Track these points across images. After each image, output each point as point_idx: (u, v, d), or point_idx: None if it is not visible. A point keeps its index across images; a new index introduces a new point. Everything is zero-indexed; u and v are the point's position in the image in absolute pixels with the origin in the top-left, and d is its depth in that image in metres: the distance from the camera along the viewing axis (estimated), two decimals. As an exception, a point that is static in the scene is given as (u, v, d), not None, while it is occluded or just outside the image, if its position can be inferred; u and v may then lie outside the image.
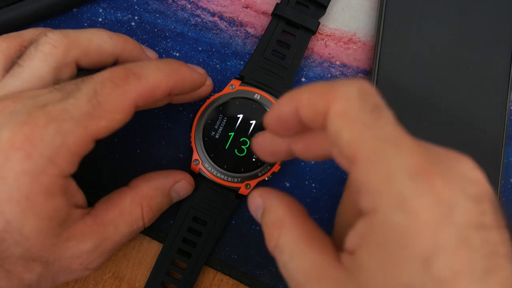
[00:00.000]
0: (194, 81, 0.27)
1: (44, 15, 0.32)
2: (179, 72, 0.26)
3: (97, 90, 0.23)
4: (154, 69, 0.25)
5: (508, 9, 0.32)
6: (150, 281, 0.31)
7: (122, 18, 0.33)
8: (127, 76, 0.24)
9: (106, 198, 0.26)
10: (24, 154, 0.21)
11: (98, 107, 0.22)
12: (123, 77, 0.23)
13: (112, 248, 0.25)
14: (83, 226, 0.24)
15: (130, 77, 0.24)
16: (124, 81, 0.23)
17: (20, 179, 0.21)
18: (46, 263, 0.23)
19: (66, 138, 0.22)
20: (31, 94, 0.23)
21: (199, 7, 0.33)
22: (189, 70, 0.27)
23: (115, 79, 0.23)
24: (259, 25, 0.33)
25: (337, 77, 0.33)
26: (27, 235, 0.22)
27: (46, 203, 0.22)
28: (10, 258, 0.22)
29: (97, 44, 0.26)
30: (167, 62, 0.26)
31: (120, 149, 0.32)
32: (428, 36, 0.32)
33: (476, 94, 0.31)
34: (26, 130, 0.21)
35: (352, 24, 0.34)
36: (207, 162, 0.30)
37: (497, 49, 0.32)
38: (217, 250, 0.32)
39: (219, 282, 0.32)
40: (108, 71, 0.24)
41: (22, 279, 0.23)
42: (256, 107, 0.31)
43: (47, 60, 0.25)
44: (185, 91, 0.27)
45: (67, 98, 0.23)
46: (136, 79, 0.24)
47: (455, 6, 0.32)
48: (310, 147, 0.22)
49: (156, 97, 0.25)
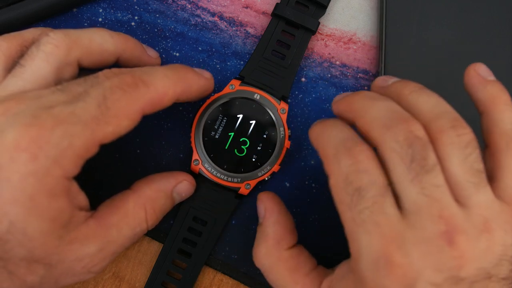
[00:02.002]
0: (201, 87, 0.28)
1: (44, 15, 0.32)
2: (187, 79, 0.26)
3: (107, 95, 0.23)
4: (162, 76, 0.25)
5: (511, 4, 0.32)
6: (150, 281, 0.31)
7: (122, 18, 0.33)
8: (136, 83, 0.24)
9: (109, 202, 0.26)
10: (29, 156, 0.21)
11: (106, 112, 0.23)
12: (132, 84, 0.24)
13: (115, 251, 0.25)
14: (86, 229, 0.24)
15: (139, 84, 0.24)
16: (133, 89, 0.24)
17: (24, 180, 0.21)
18: (49, 265, 0.23)
19: (72, 141, 0.22)
20: (34, 94, 0.23)
21: (199, 7, 0.33)
22: (196, 76, 0.27)
23: (124, 86, 0.24)
24: (259, 25, 0.34)
25: (337, 77, 0.33)
26: (31, 236, 0.22)
27: (49, 204, 0.22)
28: (13, 259, 0.22)
29: (99, 43, 0.26)
30: (175, 69, 0.26)
31: (120, 149, 0.32)
32: (431, 34, 0.32)
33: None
34: (32, 132, 0.21)
35: (352, 24, 0.34)
36: (207, 162, 0.30)
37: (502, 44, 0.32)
38: (217, 250, 0.32)
39: (219, 282, 0.32)
40: (117, 77, 0.24)
41: (25, 281, 0.23)
42: (256, 107, 0.31)
43: (49, 60, 0.25)
44: (192, 97, 0.27)
45: (76, 101, 0.23)
46: (145, 86, 0.24)
47: (455, 3, 0.32)
48: None
49: (163, 104, 0.25)
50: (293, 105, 0.33)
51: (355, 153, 0.22)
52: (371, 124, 0.23)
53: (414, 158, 0.22)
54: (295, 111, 0.33)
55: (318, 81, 0.33)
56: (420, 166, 0.22)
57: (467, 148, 0.22)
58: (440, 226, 0.21)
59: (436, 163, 0.22)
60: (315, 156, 0.32)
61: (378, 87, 0.26)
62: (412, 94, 0.24)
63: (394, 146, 0.22)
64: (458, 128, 0.22)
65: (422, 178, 0.21)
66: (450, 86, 0.32)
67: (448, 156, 0.22)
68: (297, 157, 0.32)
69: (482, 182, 0.22)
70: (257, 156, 0.30)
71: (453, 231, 0.21)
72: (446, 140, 0.22)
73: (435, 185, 0.22)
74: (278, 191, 0.32)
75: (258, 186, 0.31)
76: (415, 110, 0.23)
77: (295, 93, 0.33)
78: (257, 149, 0.30)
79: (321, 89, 0.33)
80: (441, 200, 0.21)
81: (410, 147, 0.22)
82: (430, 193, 0.21)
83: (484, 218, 0.22)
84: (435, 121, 0.23)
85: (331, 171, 0.23)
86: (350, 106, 0.25)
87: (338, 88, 0.33)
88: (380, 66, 0.32)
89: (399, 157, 0.22)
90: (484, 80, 0.25)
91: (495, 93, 0.24)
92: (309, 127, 0.32)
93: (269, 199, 0.29)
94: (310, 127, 0.26)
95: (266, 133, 0.31)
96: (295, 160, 0.32)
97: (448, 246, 0.21)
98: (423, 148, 0.22)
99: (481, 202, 0.22)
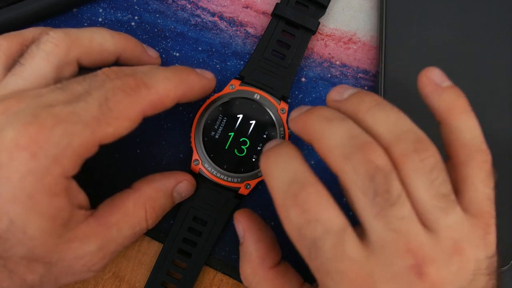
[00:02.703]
0: (203, 88, 0.28)
1: (44, 15, 0.32)
2: (188, 81, 0.26)
3: (108, 97, 0.23)
4: (163, 79, 0.25)
5: (511, 4, 0.32)
6: (150, 281, 0.31)
7: (122, 18, 0.33)
8: (138, 86, 0.24)
9: (109, 201, 0.26)
10: (29, 155, 0.21)
11: (107, 113, 0.23)
12: (134, 86, 0.24)
13: (115, 250, 0.25)
14: (86, 228, 0.24)
15: (140, 87, 0.24)
16: (135, 91, 0.24)
17: (24, 179, 0.21)
18: (49, 264, 0.23)
19: (72, 140, 0.22)
20: (34, 93, 0.23)
21: (199, 7, 0.33)
22: (198, 78, 0.27)
23: (126, 88, 0.24)
24: (259, 25, 0.34)
25: (337, 77, 0.33)
26: (31, 235, 0.22)
27: (49, 203, 0.22)
28: (13, 258, 0.22)
29: (99, 42, 0.26)
30: (177, 71, 0.26)
31: (120, 149, 0.32)
32: (431, 34, 0.32)
33: (483, 89, 0.32)
34: (32, 131, 0.21)
35: (352, 24, 0.34)
36: (207, 162, 0.30)
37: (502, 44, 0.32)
38: (217, 250, 0.32)
39: (219, 282, 0.32)
40: (120, 79, 0.24)
41: (25, 280, 0.23)
42: (256, 107, 0.31)
43: (49, 58, 0.25)
44: (193, 98, 0.27)
45: (77, 101, 0.23)
46: (146, 89, 0.24)
47: (455, 3, 0.32)
48: None
49: (164, 106, 0.25)
50: (293, 105, 0.33)
51: (301, 201, 0.21)
52: (329, 152, 0.22)
53: (376, 192, 0.21)
54: (295, 111, 0.33)
55: (318, 81, 0.33)
56: (383, 199, 0.21)
57: (432, 172, 0.21)
58: (408, 261, 0.21)
59: (401, 193, 0.21)
60: (315, 156, 0.32)
61: (333, 101, 0.25)
62: (369, 112, 0.23)
63: (355, 180, 0.21)
64: (421, 152, 0.21)
65: (386, 213, 0.21)
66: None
67: (413, 182, 0.21)
68: (297, 157, 0.32)
69: (450, 205, 0.22)
70: (257, 156, 0.30)
71: (421, 263, 0.21)
72: (409, 166, 0.21)
73: (400, 218, 0.21)
74: (278, 191, 0.32)
75: (258, 186, 0.31)
76: (374, 131, 0.22)
77: (295, 93, 0.33)
78: (257, 149, 0.30)
79: (321, 89, 0.33)
80: (408, 232, 0.21)
81: (371, 180, 0.21)
82: (395, 227, 0.21)
83: (454, 241, 0.21)
84: (396, 144, 0.22)
85: (283, 222, 0.22)
86: (305, 127, 0.23)
87: (338, 88, 0.33)
88: (380, 66, 0.32)
89: (361, 192, 0.21)
90: (438, 87, 0.24)
91: (451, 100, 0.23)
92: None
93: (246, 218, 0.28)
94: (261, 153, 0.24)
95: (266, 133, 0.31)
96: (295, 160, 0.32)
97: (418, 279, 0.21)
98: (385, 180, 0.21)
99: (450, 224, 0.21)
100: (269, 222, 0.32)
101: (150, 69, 0.26)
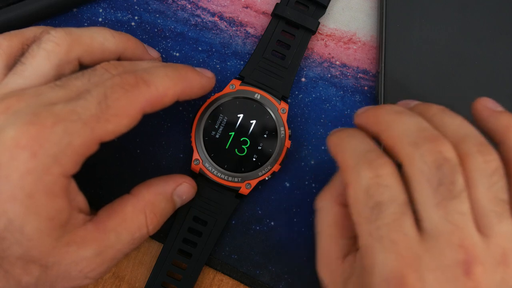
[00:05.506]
0: (203, 86, 0.27)
1: (44, 15, 0.32)
2: (187, 79, 0.26)
3: (108, 94, 0.23)
4: (163, 76, 0.25)
5: (511, 4, 0.32)
6: (150, 281, 0.30)
7: (122, 18, 0.33)
8: (137, 83, 0.24)
9: (108, 206, 0.26)
10: (29, 154, 0.21)
11: (106, 111, 0.23)
12: (133, 84, 0.24)
13: (113, 257, 0.25)
14: (84, 232, 0.24)
15: (140, 84, 0.24)
16: (134, 88, 0.24)
17: (24, 178, 0.21)
18: (45, 267, 0.23)
19: (72, 139, 0.22)
20: (33, 91, 0.23)
21: (199, 7, 0.33)
22: (198, 76, 0.27)
23: (125, 85, 0.24)
24: (259, 25, 0.34)
25: (337, 77, 0.33)
26: (28, 235, 0.22)
27: (48, 203, 0.22)
28: (9, 258, 0.22)
29: (100, 42, 0.26)
30: (176, 68, 0.26)
31: (120, 149, 0.32)
32: (431, 34, 0.32)
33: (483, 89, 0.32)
34: (33, 130, 0.21)
35: (352, 24, 0.34)
36: (208, 162, 0.30)
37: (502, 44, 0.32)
38: (217, 250, 0.32)
39: (219, 282, 0.32)
40: (119, 76, 0.24)
41: (20, 281, 0.23)
42: (256, 107, 0.31)
43: (50, 58, 0.25)
44: (193, 96, 0.27)
45: (76, 99, 0.23)
46: (146, 86, 0.24)
47: (455, 3, 0.32)
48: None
49: (164, 103, 0.25)
50: (293, 105, 0.33)
51: (377, 166, 0.22)
52: (398, 139, 0.23)
53: (442, 181, 0.21)
54: (295, 111, 0.33)
55: (318, 81, 0.33)
56: (447, 190, 0.21)
57: (493, 176, 0.22)
58: (459, 255, 0.21)
59: (464, 189, 0.21)
60: (315, 156, 0.32)
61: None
62: (436, 116, 0.24)
63: (422, 167, 0.22)
64: (485, 154, 0.22)
65: (447, 204, 0.21)
66: (450, 86, 0.32)
67: (475, 182, 0.22)
68: (297, 157, 0.32)
69: (505, 212, 0.22)
70: (257, 156, 0.30)
71: (471, 261, 0.21)
72: (473, 165, 0.22)
73: (460, 212, 0.21)
74: (278, 191, 0.32)
75: (258, 185, 0.31)
76: (441, 130, 0.23)
77: (295, 93, 0.33)
78: (258, 148, 0.30)
79: (321, 89, 0.33)
80: (464, 228, 0.21)
81: (438, 169, 0.21)
82: (454, 220, 0.21)
83: (503, 250, 0.22)
84: (461, 143, 0.22)
85: (350, 181, 0.23)
86: (375, 118, 0.24)
87: (338, 88, 0.33)
88: (380, 66, 0.32)
89: (426, 179, 0.21)
90: (494, 111, 0.25)
91: (509, 121, 0.24)
92: (309, 127, 0.33)
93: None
94: (328, 135, 0.25)
95: (266, 133, 0.31)
96: (295, 160, 0.32)
97: (464, 276, 0.21)
98: (452, 172, 0.21)
99: (502, 233, 0.22)
100: (269, 222, 0.32)
101: (150, 66, 0.26)
